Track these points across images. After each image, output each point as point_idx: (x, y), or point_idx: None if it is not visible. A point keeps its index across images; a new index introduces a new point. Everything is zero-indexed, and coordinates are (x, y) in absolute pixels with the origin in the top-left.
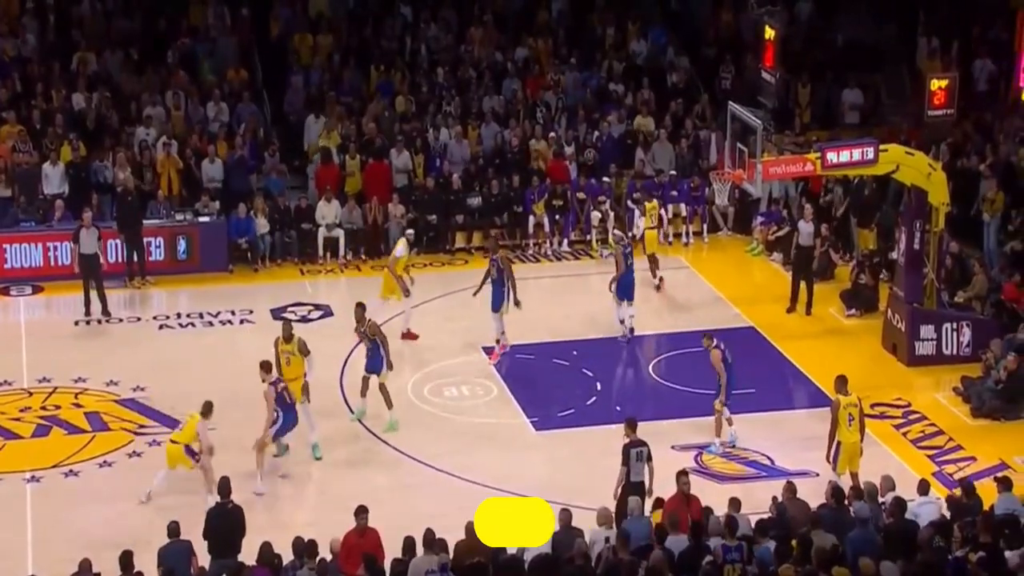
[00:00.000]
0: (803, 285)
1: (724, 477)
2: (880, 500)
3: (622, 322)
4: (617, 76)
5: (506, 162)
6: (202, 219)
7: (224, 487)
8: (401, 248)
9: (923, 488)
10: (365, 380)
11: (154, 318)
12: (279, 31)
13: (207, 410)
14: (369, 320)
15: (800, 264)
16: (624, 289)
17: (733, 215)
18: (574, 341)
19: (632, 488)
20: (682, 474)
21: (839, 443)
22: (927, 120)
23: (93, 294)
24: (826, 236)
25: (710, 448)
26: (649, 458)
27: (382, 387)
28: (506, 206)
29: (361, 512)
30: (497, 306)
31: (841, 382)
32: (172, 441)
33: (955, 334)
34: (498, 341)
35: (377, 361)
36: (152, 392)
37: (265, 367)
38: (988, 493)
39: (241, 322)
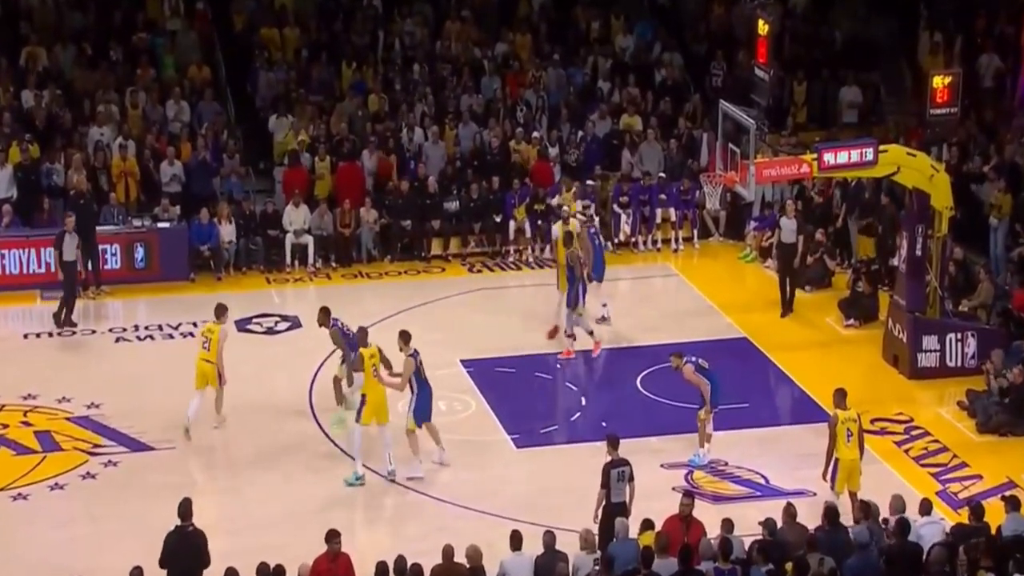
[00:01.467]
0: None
1: (716, 497)
2: (882, 519)
3: (603, 318)
4: (602, 73)
5: (485, 164)
6: (161, 225)
7: (184, 509)
8: (555, 230)
9: (925, 508)
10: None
11: (110, 330)
12: (243, 25)
13: (221, 312)
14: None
15: (784, 263)
16: (597, 270)
17: (725, 220)
18: (558, 353)
19: (614, 509)
20: (685, 495)
21: (837, 460)
22: (929, 119)
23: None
24: (821, 241)
25: (692, 460)
26: (631, 478)
27: (336, 381)
28: (485, 211)
29: (333, 536)
30: (571, 303)
31: (840, 396)
32: (206, 361)
33: (959, 345)
34: (572, 337)
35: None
36: (108, 409)
37: (404, 337)
38: (995, 513)
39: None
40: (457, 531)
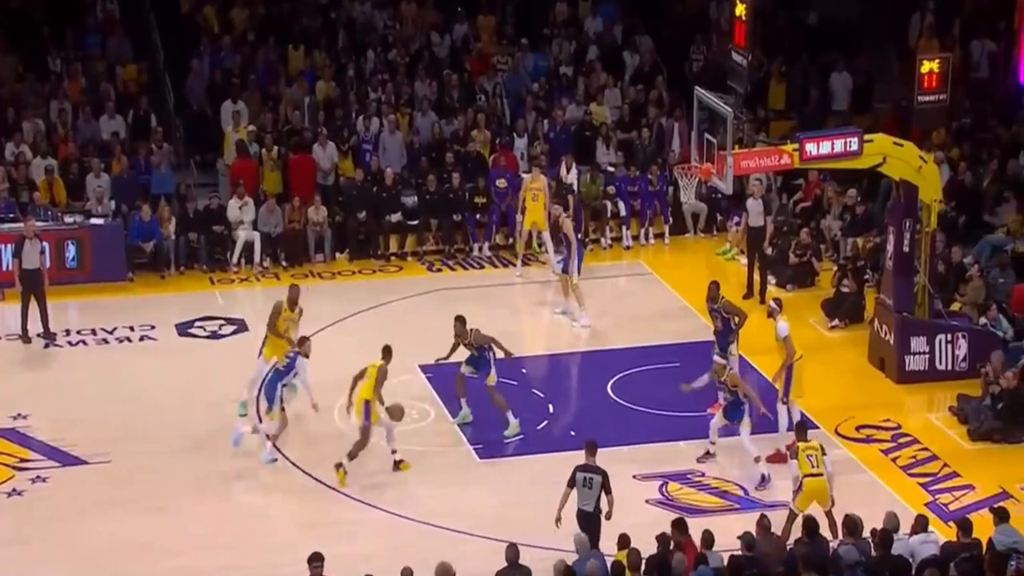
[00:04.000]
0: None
1: (693, 510)
2: (870, 531)
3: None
4: (568, 58)
5: (445, 157)
6: (95, 221)
7: None
8: None
9: (921, 524)
10: (460, 378)
11: (38, 335)
12: (189, 6)
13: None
14: (473, 330)
15: (751, 246)
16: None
17: (705, 216)
18: (523, 358)
19: (579, 516)
20: (674, 526)
21: (801, 481)
22: (917, 106)
23: (32, 312)
24: (807, 243)
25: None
26: (607, 490)
27: (490, 388)
28: (444, 207)
29: (315, 559)
30: None
31: (800, 431)
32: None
33: (950, 347)
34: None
35: (484, 365)
36: (36, 421)
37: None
38: (986, 525)
39: (141, 339)
40: (417, 549)
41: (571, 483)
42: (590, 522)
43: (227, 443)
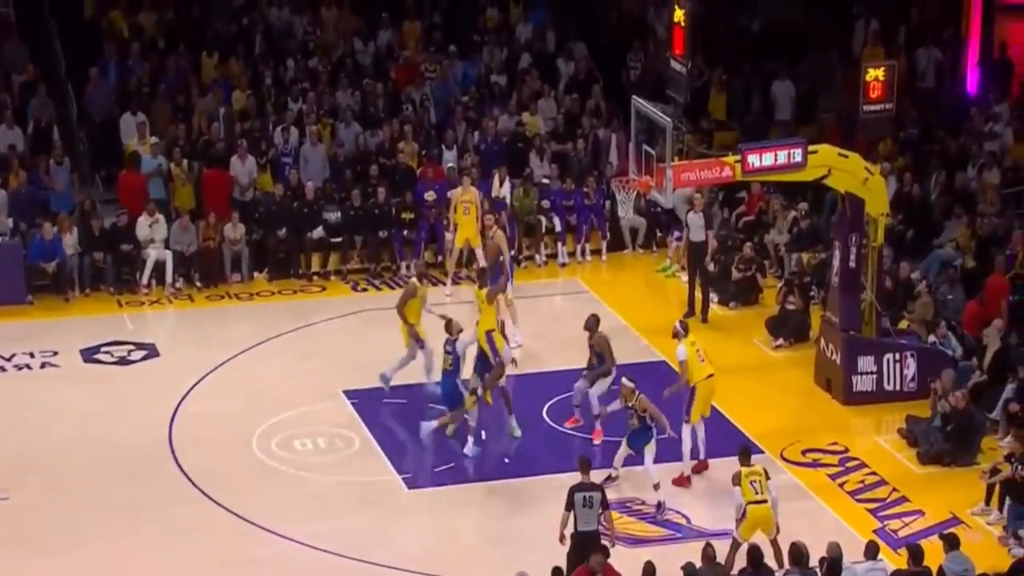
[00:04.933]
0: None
1: (634, 540)
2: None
3: None
4: (500, 66)
5: (370, 170)
6: None
7: None
8: None
9: (871, 551)
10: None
11: None
12: (93, 11)
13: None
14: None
15: (692, 262)
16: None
17: (644, 231)
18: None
19: (581, 538)
20: (597, 553)
21: (744, 509)
22: (862, 116)
23: None
24: (752, 257)
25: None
26: (605, 506)
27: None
28: (369, 222)
29: None
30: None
31: (744, 455)
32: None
33: (898, 366)
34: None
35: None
36: None
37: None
38: (936, 552)
39: (43, 366)
40: None
41: (569, 506)
42: (593, 545)
43: (133, 476)
